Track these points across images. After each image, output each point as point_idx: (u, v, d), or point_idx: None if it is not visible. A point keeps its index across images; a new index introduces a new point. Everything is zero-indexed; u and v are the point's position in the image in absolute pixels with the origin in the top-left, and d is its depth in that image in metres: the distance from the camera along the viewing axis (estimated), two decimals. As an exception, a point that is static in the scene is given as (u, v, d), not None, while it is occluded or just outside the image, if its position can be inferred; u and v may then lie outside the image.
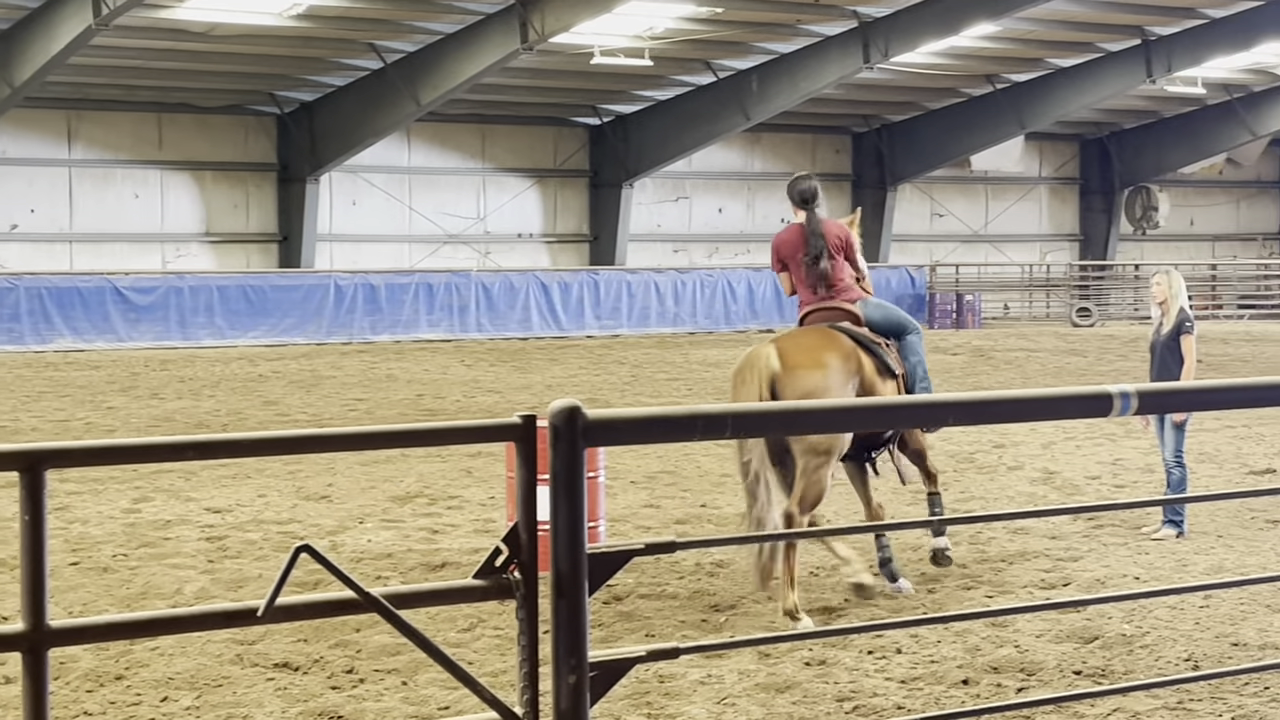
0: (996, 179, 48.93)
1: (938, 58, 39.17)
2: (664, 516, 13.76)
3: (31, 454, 3.79)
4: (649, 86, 40.58)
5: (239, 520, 13.48)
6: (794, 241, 11.69)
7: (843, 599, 10.53)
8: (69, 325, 33.13)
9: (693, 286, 40.52)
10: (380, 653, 9.03)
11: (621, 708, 7.98)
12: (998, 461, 16.91)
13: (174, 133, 38.27)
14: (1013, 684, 8.55)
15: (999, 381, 26.69)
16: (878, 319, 11.21)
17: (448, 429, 4.39)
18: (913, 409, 4.77)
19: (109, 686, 8.49)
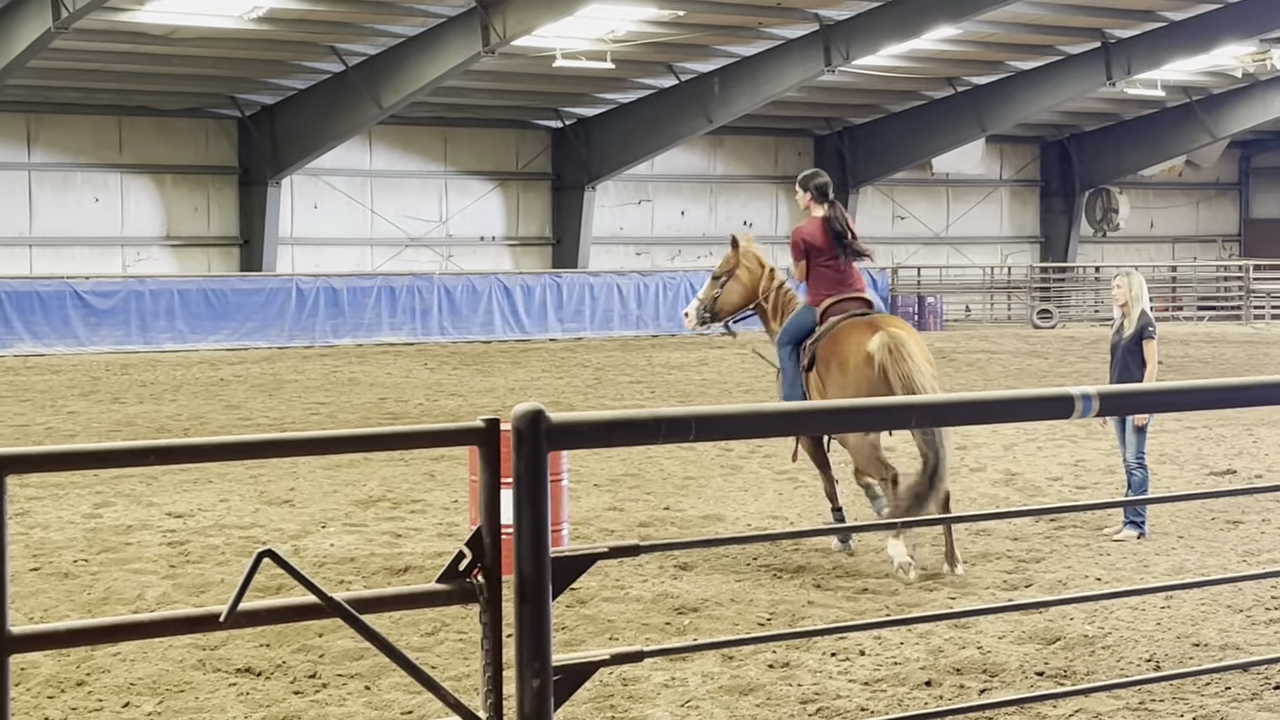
0: (958, 181, 49.11)
1: (899, 60, 39.29)
2: (627, 519, 13.76)
3: (-8, 459, 3.77)
4: (611, 89, 40.60)
5: (201, 525, 13.42)
6: (821, 234, 12.36)
7: (806, 600, 10.55)
8: (29, 329, 32.96)
9: (655, 289, 40.54)
10: (343, 657, 9.01)
11: (585, 711, 7.98)
12: (959, 463, 16.95)
13: (134, 136, 38.13)
14: (975, 685, 8.58)
15: (961, 383, 26.77)
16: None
17: (411, 433, 4.38)
18: (876, 411, 4.79)
19: (70, 692, 8.45)
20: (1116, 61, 39.87)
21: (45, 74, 33.63)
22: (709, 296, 13.41)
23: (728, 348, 35.52)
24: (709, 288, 13.40)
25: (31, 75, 32.80)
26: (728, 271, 13.24)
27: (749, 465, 16.72)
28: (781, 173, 47.16)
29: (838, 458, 12.80)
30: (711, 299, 13.38)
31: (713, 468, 16.57)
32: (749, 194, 46.67)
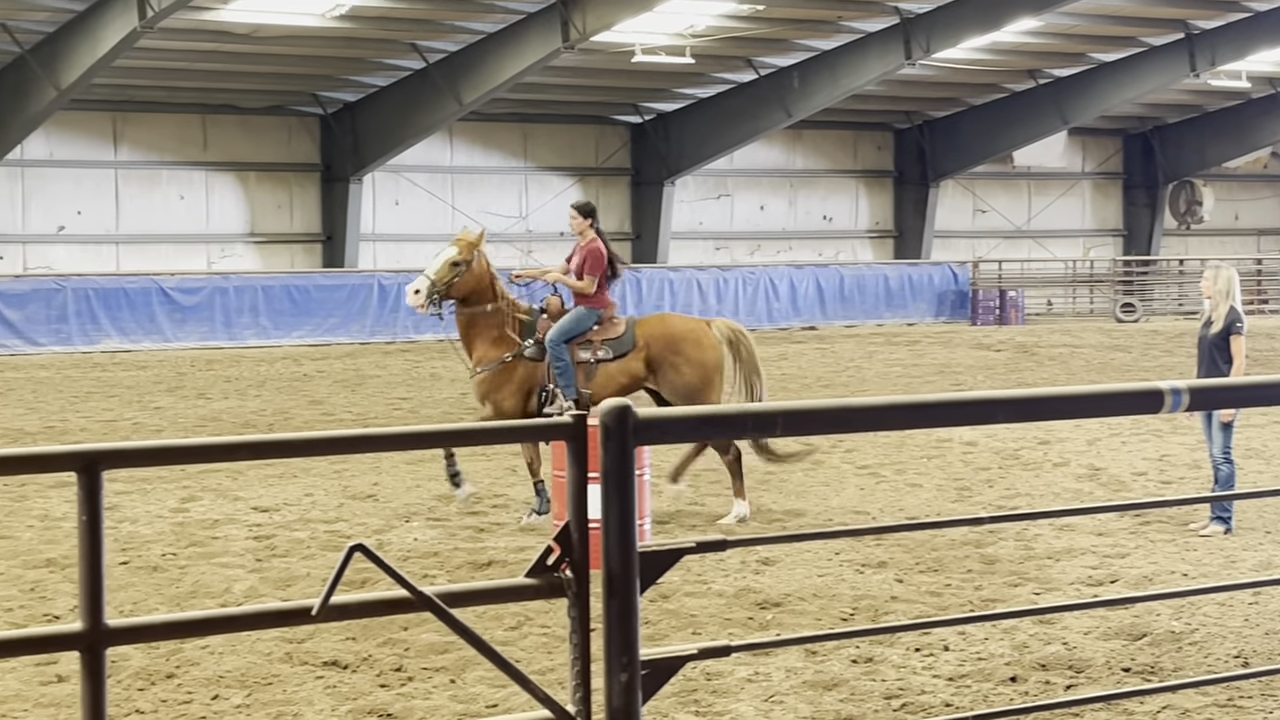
0: (1039, 174, 48.75)
1: (980, 53, 39.06)
2: (708, 515, 13.77)
3: (88, 454, 3.82)
4: (690, 84, 40.57)
5: (286, 519, 13.54)
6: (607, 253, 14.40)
7: (889, 596, 10.52)
8: (116, 326, 33.33)
9: (735, 284, 40.49)
10: (428, 651, 9.07)
11: (670, 705, 7.99)
12: (1043, 458, 16.86)
13: (218, 134, 38.46)
14: (1061, 681, 8.53)
15: (1043, 378, 26.60)
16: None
17: (500, 428, 4.41)
18: (961, 407, 4.78)
19: (160, 685, 8.55)
20: (1200, 52, 39.48)
21: (131, 73, 33.97)
22: (444, 279, 13.88)
23: (806, 342, 35.43)
24: (447, 271, 13.90)
25: (117, 74, 33.14)
26: (466, 261, 13.96)
27: (830, 460, 16.69)
28: (861, 167, 47.00)
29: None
30: (446, 283, 13.90)
31: (793, 463, 16.52)
32: (828, 188, 46.53)
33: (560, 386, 13.83)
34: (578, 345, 13.95)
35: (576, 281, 14.22)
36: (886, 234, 47.42)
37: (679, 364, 14.03)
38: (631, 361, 14.01)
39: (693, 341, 14.10)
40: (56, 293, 33.10)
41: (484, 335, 13.93)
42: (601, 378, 13.94)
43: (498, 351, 13.89)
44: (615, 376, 13.96)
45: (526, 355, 13.87)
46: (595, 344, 14.00)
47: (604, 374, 13.95)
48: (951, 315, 43.18)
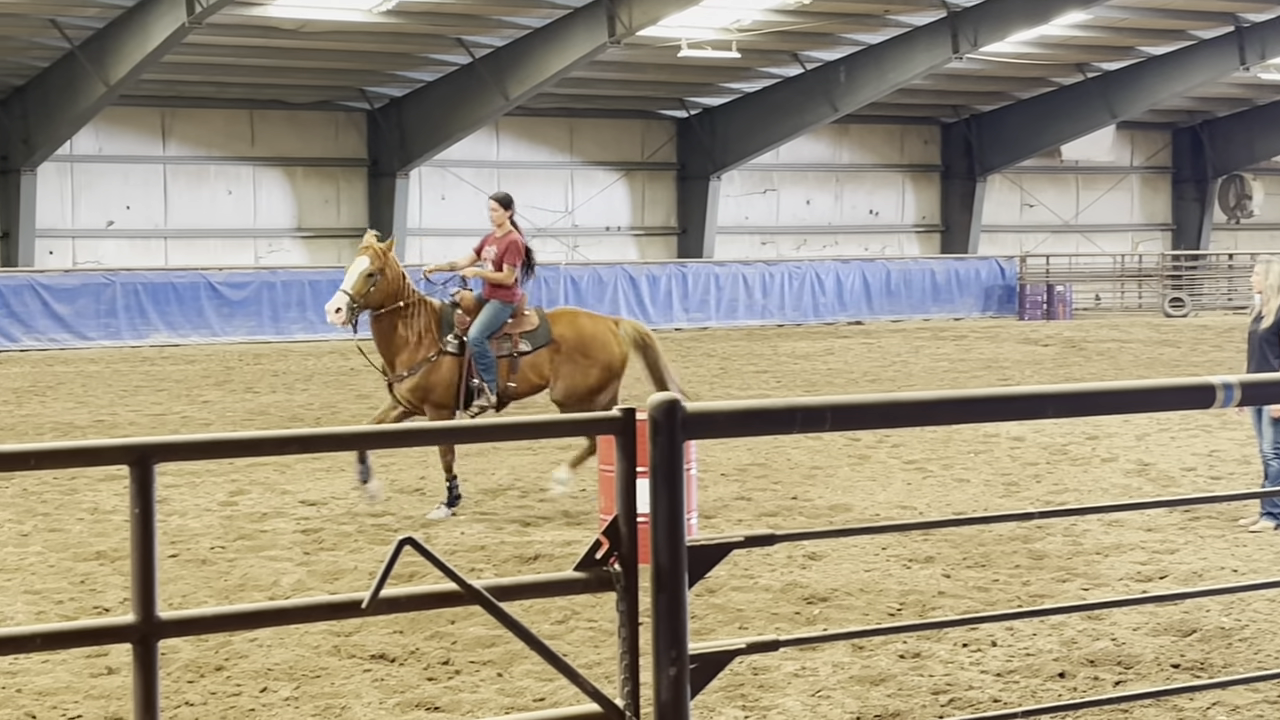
0: (1087, 168, 48.52)
1: (1027, 47, 38.88)
2: (755, 509, 13.76)
3: (141, 448, 3.84)
4: (736, 79, 40.54)
5: (333, 513, 13.60)
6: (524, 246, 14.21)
7: (937, 591, 10.50)
8: (164, 320, 33.52)
9: (781, 279, 40.44)
10: (475, 644, 9.09)
11: (717, 700, 7.99)
12: (1091, 453, 16.79)
13: (266, 129, 38.63)
14: (1110, 677, 8.50)
15: (1091, 373, 26.49)
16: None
17: (549, 422, 4.41)
18: (1010, 401, 4.76)
19: (209, 677, 8.60)
20: (1250, 46, 39.21)
21: (179, 69, 34.13)
22: (362, 292, 13.74)
23: (852, 337, 35.38)
24: (363, 283, 13.73)
25: (166, 70, 33.30)
26: (380, 270, 13.84)
27: (877, 455, 16.66)
28: (908, 161, 46.86)
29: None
30: (363, 295, 13.76)
31: (840, 457, 16.52)
32: (875, 182, 46.42)
33: (485, 381, 13.76)
34: (497, 339, 13.92)
35: (496, 273, 14.03)
36: (933, 228, 47.28)
37: (586, 365, 14.12)
38: (549, 355, 14.05)
39: (601, 343, 14.22)
40: (105, 287, 33.31)
41: (405, 338, 13.80)
42: (523, 370, 13.95)
43: (423, 352, 13.79)
44: (534, 369, 14.00)
45: (449, 352, 13.77)
46: (514, 337, 13.98)
47: (525, 366, 13.97)
48: (999, 310, 43.03)
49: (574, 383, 14.07)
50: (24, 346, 32.03)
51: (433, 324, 13.88)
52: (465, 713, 7.96)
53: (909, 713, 7.89)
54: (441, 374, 13.78)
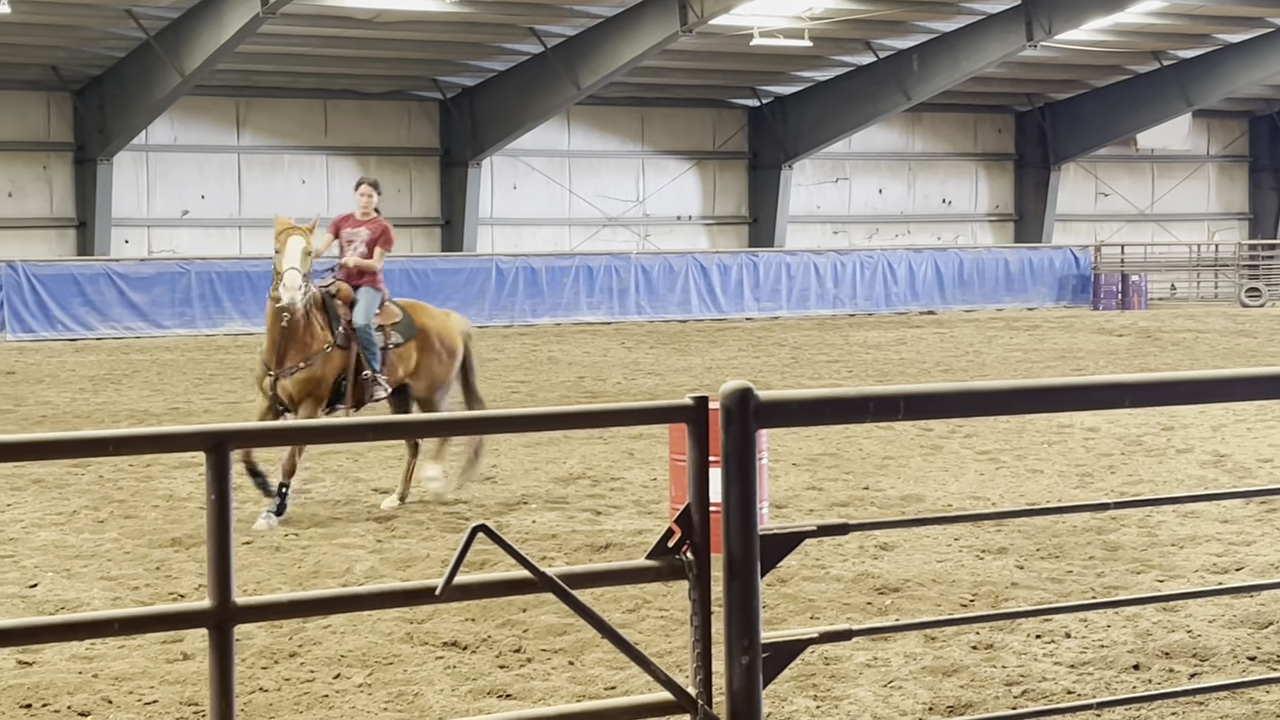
0: (1163, 157, 48.12)
1: (1103, 34, 38.60)
2: (826, 499, 13.72)
3: (217, 434, 3.87)
4: (808, 67, 40.42)
5: (406, 501, 13.64)
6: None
7: (1010, 582, 10.44)
8: (239, 309, 33.77)
9: (852, 268, 40.32)
10: (547, 632, 9.11)
11: (788, 689, 7.98)
12: (1166, 444, 16.65)
13: (339, 119, 38.83)
14: (1185, 669, 8.43)
15: (1166, 363, 26.27)
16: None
17: (621, 410, 4.42)
18: (1090, 390, 4.73)
19: (283, 663, 8.65)
20: (1330, 33, 38.80)
21: (253, 59, 34.37)
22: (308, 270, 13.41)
23: (925, 327, 35.23)
24: (306, 261, 13.32)
25: (240, 60, 33.55)
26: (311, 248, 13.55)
27: (949, 445, 16.58)
28: (982, 150, 46.61)
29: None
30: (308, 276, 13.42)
31: (912, 447, 16.45)
32: (947, 171, 46.20)
33: (377, 373, 13.30)
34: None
35: (369, 261, 13.71)
36: (1006, 217, 47.01)
37: (446, 357, 13.79)
38: (414, 346, 13.65)
39: (452, 335, 13.90)
40: (181, 276, 33.59)
41: (302, 327, 13.14)
42: (393, 363, 13.50)
43: (316, 344, 13.16)
44: (402, 362, 13.58)
45: (339, 345, 13.24)
46: (386, 329, 13.53)
47: (395, 359, 13.53)
48: (1073, 300, 42.75)
49: (435, 376, 13.70)
50: (100, 334, 32.35)
51: (320, 315, 13.32)
52: (537, 700, 7.98)
53: (981, 704, 7.85)
54: (332, 366, 13.19)
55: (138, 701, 8.01)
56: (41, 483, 14.34)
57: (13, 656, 8.66)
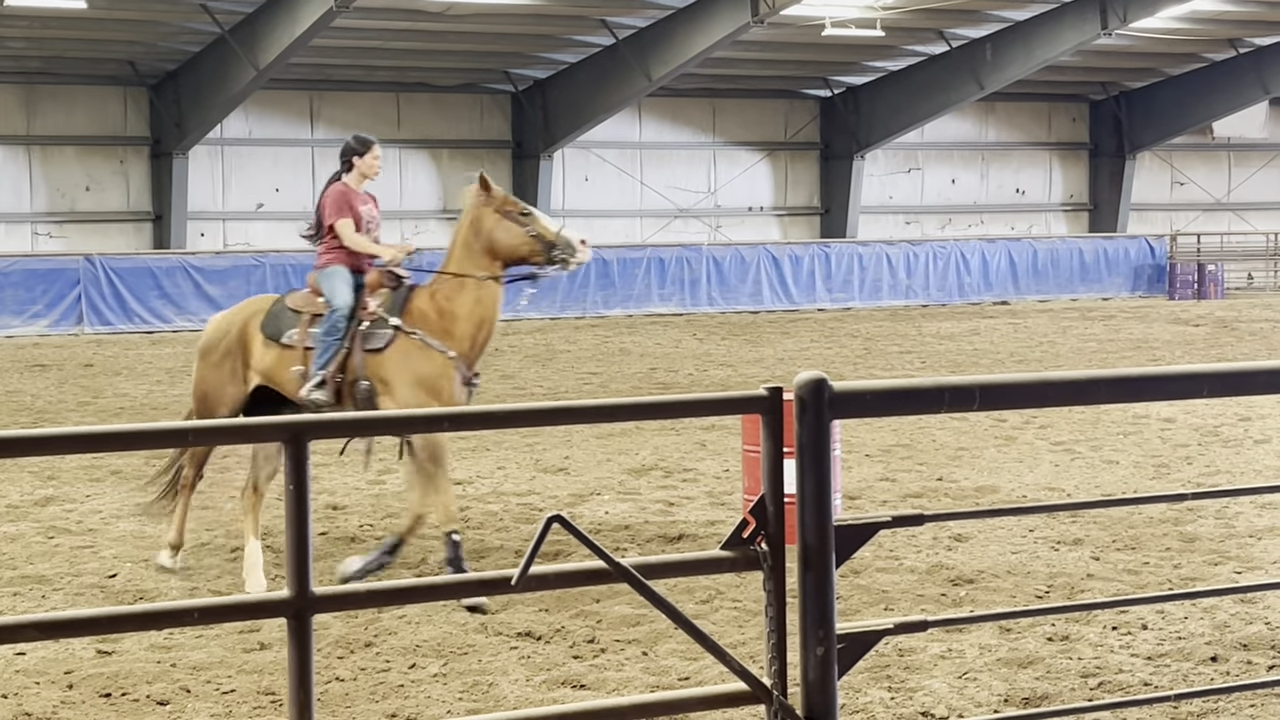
0: (1239, 145, 47.61)
1: (1178, 22, 38.23)
2: (900, 490, 13.68)
3: (296, 425, 3.91)
4: (880, 57, 40.26)
5: (479, 492, 13.71)
6: None
7: (1085, 573, 10.37)
8: (313, 301, 33.92)
9: (925, 258, 40.12)
10: (620, 623, 9.13)
11: (863, 681, 7.97)
12: (1244, 435, 16.50)
13: (412, 112, 38.99)
14: (1263, 661, 8.36)
15: (1243, 353, 26.03)
16: (323, 289, 10.91)
17: (695, 401, 4.42)
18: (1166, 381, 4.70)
19: (359, 653, 8.71)
20: None
21: (327, 52, 34.55)
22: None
23: (998, 317, 35.04)
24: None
25: (314, 54, 33.73)
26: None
27: (1023, 436, 16.49)
28: (1056, 139, 46.29)
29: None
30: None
31: (986, 438, 16.38)
32: (1021, 161, 45.91)
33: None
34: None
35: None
36: (1081, 207, 46.68)
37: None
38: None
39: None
40: (255, 268, 33.81)
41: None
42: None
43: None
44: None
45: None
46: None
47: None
48: (1148, 290, 42.40)
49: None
50: (176, 327, 32.61)
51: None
52: (611, 691, 8.00)
53: (1057, 695, 7.82)
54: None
55: (215, 691, 8.09)
56: (120, 474, 14.49)
57: (92, 646, 8.76)
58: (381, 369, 10.54)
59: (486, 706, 7.83)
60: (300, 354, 10.67)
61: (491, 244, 10.83)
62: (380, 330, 10.64)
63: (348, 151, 11.76)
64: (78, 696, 8.01)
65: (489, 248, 10.84)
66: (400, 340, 10.58)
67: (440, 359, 10.48)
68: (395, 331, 10.60)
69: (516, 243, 10.83)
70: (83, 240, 35.52)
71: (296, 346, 10.70)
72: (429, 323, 10.63)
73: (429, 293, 10.87)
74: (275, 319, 10.87)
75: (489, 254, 10.83)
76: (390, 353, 10.57)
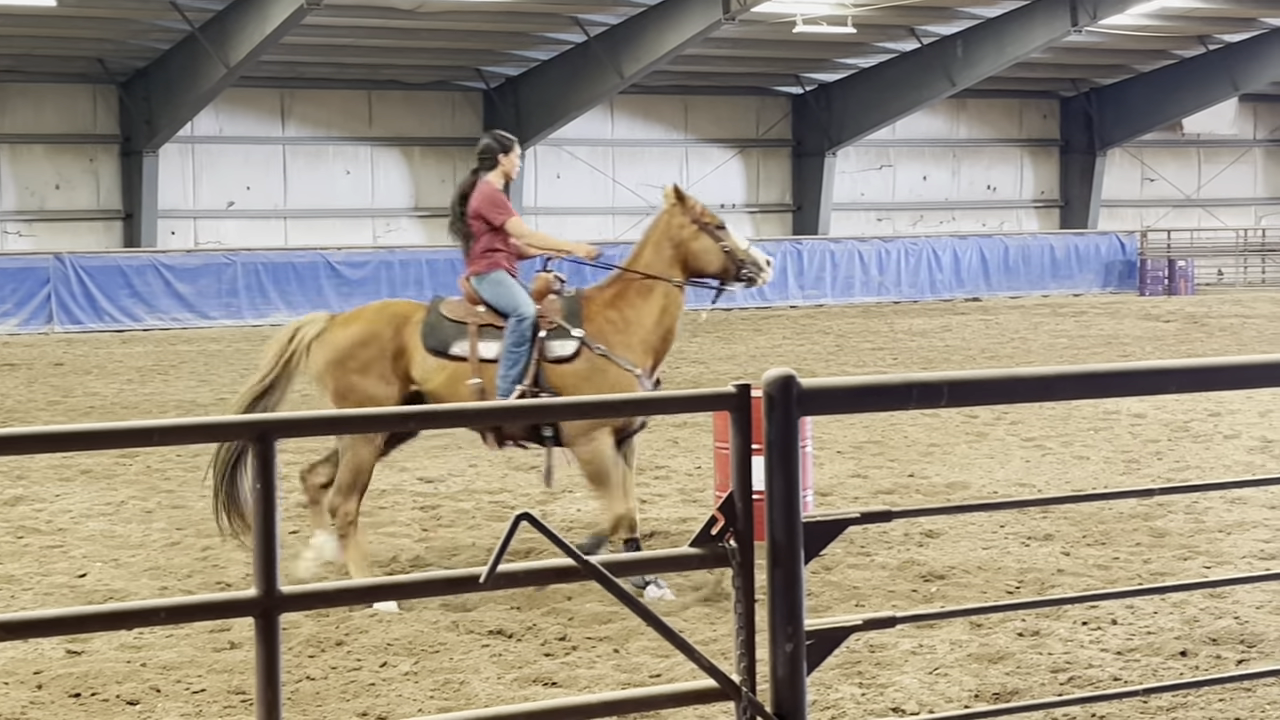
0: (1209, 142, 47.81)
1: (1148, 19, 38.36)
2: (871, 486, 13.70)
3: (262, 424, 3.89)
4: (852, 54, 40.31)
5: (451, 490, 13.70)
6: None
7: (1055, 569, 10.40)
8: (284, 299, 33.89)
9: (897, 255, 40.19)
10: (592, 620, 9.13)
11: (833, 677, 7.98)
12: (1213, 430, 16.56)
13: (383, 109, 38.92)
14: (1232, 656, 8.39)
15: (1213, 349, 26.13)
16: (487, 297, 10.44)
17: (664, 398, 4.42)
18: (1134, 377, 4.71)
19: (330, 652, 8.70)
20: (1378, 15, 38.47)
21: (298, 50, 34.47)
22: None
23: (970, 314, 35.12)
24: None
25: (285, 51, 33.65)
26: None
27: (994, 432, 16.53)
28: (1027, 136, 46.40)
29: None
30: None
31: (957, 434, 16.41)
32: (992, 158, 46.02)
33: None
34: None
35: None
36: (1052, 203, 46.81)
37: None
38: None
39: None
40: (227, 267, 33.73)
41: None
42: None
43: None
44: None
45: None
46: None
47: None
48: (1119, 286, 42.53)
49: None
50: (147, 326, 32.52)
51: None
52: (582, 688, 8.00)
53: (1028, 691, 7.84)
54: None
55: (186, 690, 8.06)
56: (90, 473, 14.44)
57: (62, 646, 8.73)
58: (564, 382, 10.04)
59: (458, 705, 7.83)
60: (474, 366, 10.10)
61: (685, 254, 10.67)
62: (563, 340, 10.21)
63: (491, 150, 11.23)
64: (47, 697, 7.98)
65: (681, 257, 10.66)
66: (585, 354, 10.20)
67: (627, 378, 10.10)
68: (579, 344, 10.22)
69: (711, 256, 10.74)
70: (52, 239, 35.39)
71: (469, 359, 10.17)
72: (611, 334, 10.29)
73: (605, 299, 10.48)
74: (436, 331, 10.30)
75: (679, 263, 10.64)
76: (575, 367, 10.17)
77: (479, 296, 10.40)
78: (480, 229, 10.70)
